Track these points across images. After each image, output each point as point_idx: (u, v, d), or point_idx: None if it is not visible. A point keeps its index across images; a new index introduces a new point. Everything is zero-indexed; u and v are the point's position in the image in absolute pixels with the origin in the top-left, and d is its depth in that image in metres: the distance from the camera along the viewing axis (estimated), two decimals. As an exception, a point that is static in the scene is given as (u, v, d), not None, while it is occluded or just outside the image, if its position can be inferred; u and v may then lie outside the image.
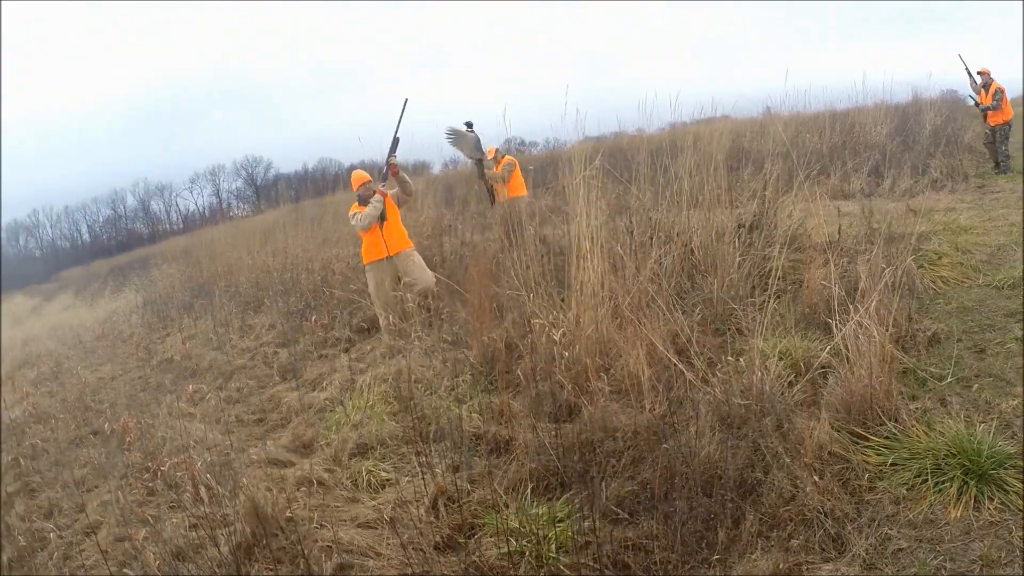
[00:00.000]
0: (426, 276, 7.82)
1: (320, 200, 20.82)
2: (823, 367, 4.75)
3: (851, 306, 4.89)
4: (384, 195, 7.68)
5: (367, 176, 7.88)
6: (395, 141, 7.69)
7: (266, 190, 68.81)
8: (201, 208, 73.57)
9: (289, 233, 14.15)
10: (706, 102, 14.30)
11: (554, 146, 21.46)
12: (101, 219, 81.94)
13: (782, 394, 4.31)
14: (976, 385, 4.68)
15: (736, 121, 17.91)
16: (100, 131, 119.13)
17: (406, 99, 7.67)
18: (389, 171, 7.71)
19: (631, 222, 6.87)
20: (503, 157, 11.77)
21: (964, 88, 14.91)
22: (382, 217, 7.65)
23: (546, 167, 14.56)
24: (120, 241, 70.63)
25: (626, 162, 8.78)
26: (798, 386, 4.55)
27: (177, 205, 79.88)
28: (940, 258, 7.30)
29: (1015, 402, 4.38)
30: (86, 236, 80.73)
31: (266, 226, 17.07)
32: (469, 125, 9.89)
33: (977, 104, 14.49)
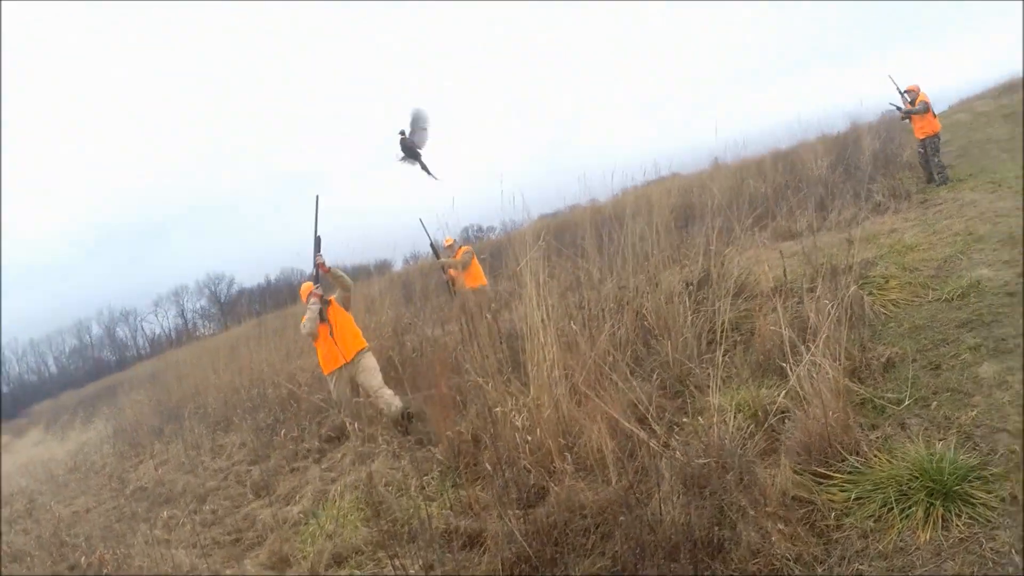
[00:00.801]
0: (381, 394, 7.62)
1: (282, 312, 20.91)
2: (781, 412, 4.79)
3: (803, 346, 4.95)
4: (319, 296, 7.65)
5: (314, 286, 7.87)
6: (317, 240, 7.64)
7: (230, 306, 69.12)
8: (167, 330, 73.99)
9: (253, 348, 14.21)
10: (658, 163, 14.65)
11: (511, 228, 21.70)
12: (67, 350, 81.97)
13: (742, 446, 4.33)
14: (934, 403, 4.74)
15: (685, 178, 18.28)
16: (60, 260, 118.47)
17: (317, 196, 7.64)
18: (319, 270, 7.69)
19: (582, 297, 6.94)
20: (460, 248, 11.91)
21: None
22: (323, 317, 7.62)
23: (504, 251, 14.71)
24: (88, 370, 70.57)
25: (577, 236, 8.89)
26: (758, 435, 4.58)
27: (143, 329, 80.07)
28: (888, 281, 7.39)
29: (974, 413, 4.44)
30: (53, 368, 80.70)
31: (232, 342, 17.19)
32: (403, 133, 9.16)
33: (899, 109, 14.72)
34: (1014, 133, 17.39)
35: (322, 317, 7.61)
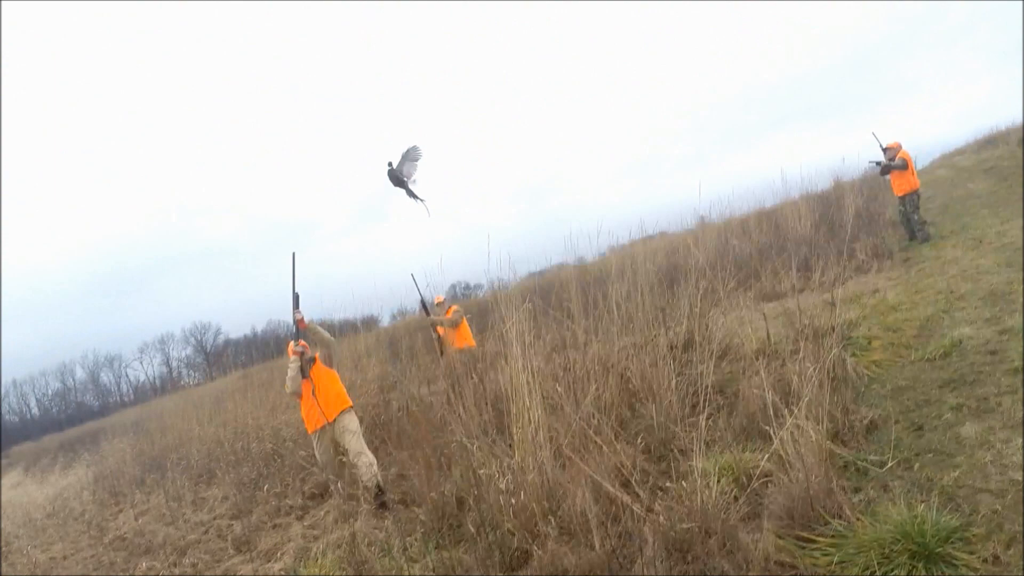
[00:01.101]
0: (361, 460, 7.44)
1: (269, 364, 20.79)
2: (765, 476, 4.81)
3: (787, 410, 4.99)
4: (299, 354, 7.63)
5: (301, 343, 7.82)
6: (295, 296, 7.62)
7: (216, 356, 69.00)
8: (152, 378, 73.78)
9: (239, 401, 14.16)
10: (644, 221, 14.76)
11: (499, 287, 22.03)
12: (50, 392, 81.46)
13: (725, 511, 4.35)
14: (917, 464, 4.78)
15: (671, 237, 18.51)
16: (46, 301, 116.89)
17: (293, 253, 7.62)
18: (298, 327, 7.66)
19: (567, 359, 6.98)
20: (450, 307, 11.99)
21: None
22: (305, 374, 7.54)
23: (491, 309, 14.76)
24: (70, 414, 70.44)
25: (564, 296, 8.96)
26: (741, 500, 4.60)
27: (127, 376, 79.72)
28: (870, 343, 7.47)
29: (956, 473, 4.47)
30: (35, 410, 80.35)
31: (217, 394, 17.15)
32: (390, 164, 9.43)
33: (878, 164, 14.90)
34: (995, 188, 17.67)
35: (304, 374, 7.57)
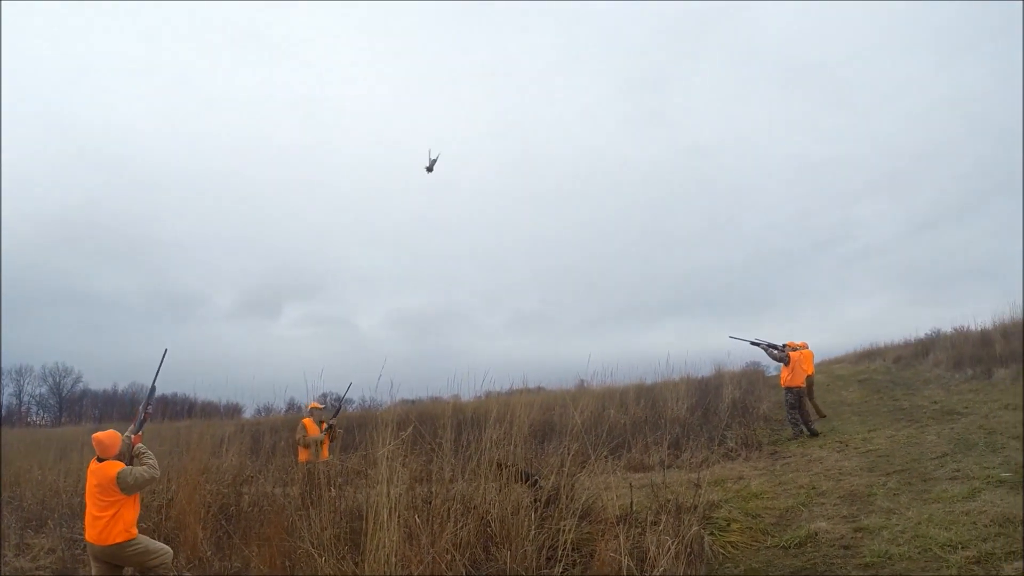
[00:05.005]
0: (150, 560, 6.60)
1: (126, 425, 20.08)
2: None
3: (640, 576, 5.13)
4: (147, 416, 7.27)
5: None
6: (152, 389, 7.49)
7: (71, 402, 65.46)
8: None
9: (87, 455, 13.53)
10: (526, 375, 15.01)
11: (370, 405, 22.03)
12: None
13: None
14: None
15: (549, 393, 18.86)
16: None
17: (166, 350, 7.50)
18: (143, 418, 7.31)
19: (431, 492, 7.01)
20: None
21: (766, 360, 16.21)
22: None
23: (357, 427, 14.70)
24: None
25: (436, 429, 9.01)
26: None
27: None
28: (730, 524, 7.78)
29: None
30: None
31: (64, 441, 16.29)
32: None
33: (754, 343, 15.81)
34: (867, 398, 18.74)
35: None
